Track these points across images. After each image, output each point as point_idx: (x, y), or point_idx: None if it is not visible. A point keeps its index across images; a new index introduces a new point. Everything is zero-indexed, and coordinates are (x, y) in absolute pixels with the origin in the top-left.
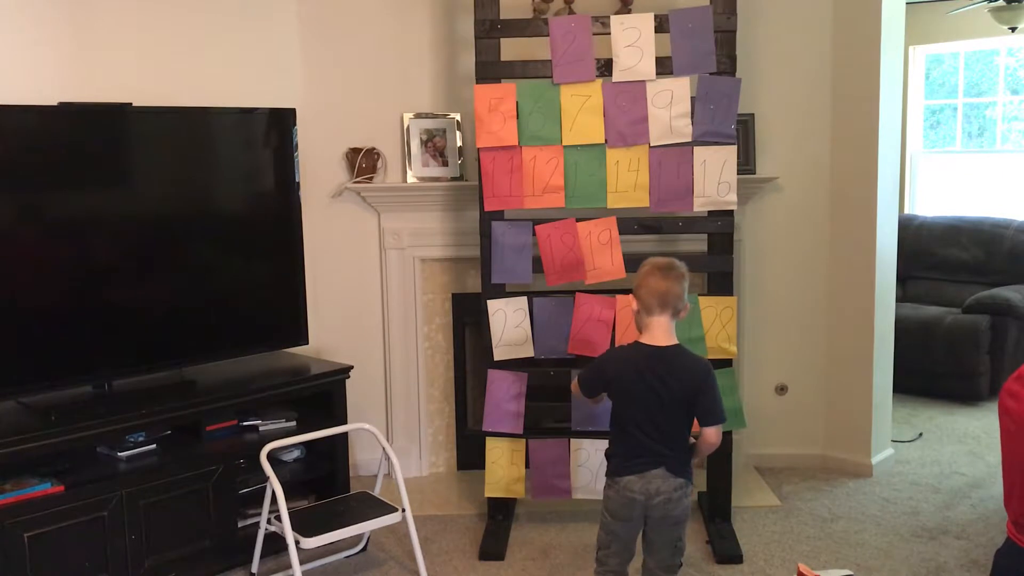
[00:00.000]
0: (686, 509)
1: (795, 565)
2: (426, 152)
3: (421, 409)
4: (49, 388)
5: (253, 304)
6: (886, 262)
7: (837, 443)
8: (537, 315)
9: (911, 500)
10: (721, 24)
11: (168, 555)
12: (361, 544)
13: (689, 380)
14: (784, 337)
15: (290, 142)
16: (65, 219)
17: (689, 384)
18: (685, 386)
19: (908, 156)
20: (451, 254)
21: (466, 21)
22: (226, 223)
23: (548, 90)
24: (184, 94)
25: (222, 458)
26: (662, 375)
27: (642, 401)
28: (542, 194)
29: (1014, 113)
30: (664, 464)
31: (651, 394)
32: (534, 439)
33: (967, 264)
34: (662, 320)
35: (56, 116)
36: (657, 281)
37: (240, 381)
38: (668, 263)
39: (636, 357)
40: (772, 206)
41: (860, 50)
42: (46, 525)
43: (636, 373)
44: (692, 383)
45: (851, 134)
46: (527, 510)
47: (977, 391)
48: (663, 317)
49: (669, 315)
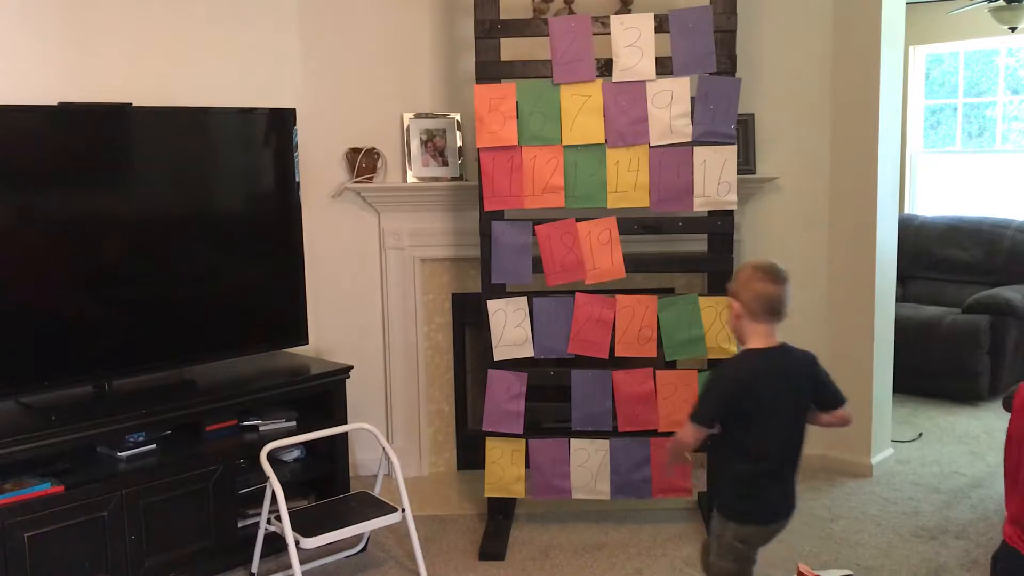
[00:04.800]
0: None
1: (795, 565)
2: (426, 152)
3: (421, 409)
4: (49, 388)
5: (253, 304)
6: (886, 262)
7: (837, 443)
8: (537, 315)
9: (911, 500)
10: (721, 24)
11: (168, 555)
12: (361, 544)
13: (810, 370)
14: (784, 337)
15: (290, 142)
16: (65, 219)
17: (811, 374)
18: (810, 376)
19: (908, 156)
20: (451, 254)
21: (466, 21)
22: (226, 223)
23: (548, 90)
24: (184, 94)
25: (222, 458)
26: (792, 374)
27: (780, 411)
28: (542, 194)
29: (1014, 113)
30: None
31: (788, 399)
32: (534, 439)
33: (967, 264)
34: (770, 326)
35: (56, 116)
36: (767, 287)
37: (240, 381)
38: (773, 267)
39: (764, 366)
40: (772, 206)
41: (860, 50)
42: (46, 525)
43: (771, 380)
44: (812, 371)
45: (851, 134)
46: (527, 510)
47: (977, 391)
48: (771, 324)
49: (776, 322)
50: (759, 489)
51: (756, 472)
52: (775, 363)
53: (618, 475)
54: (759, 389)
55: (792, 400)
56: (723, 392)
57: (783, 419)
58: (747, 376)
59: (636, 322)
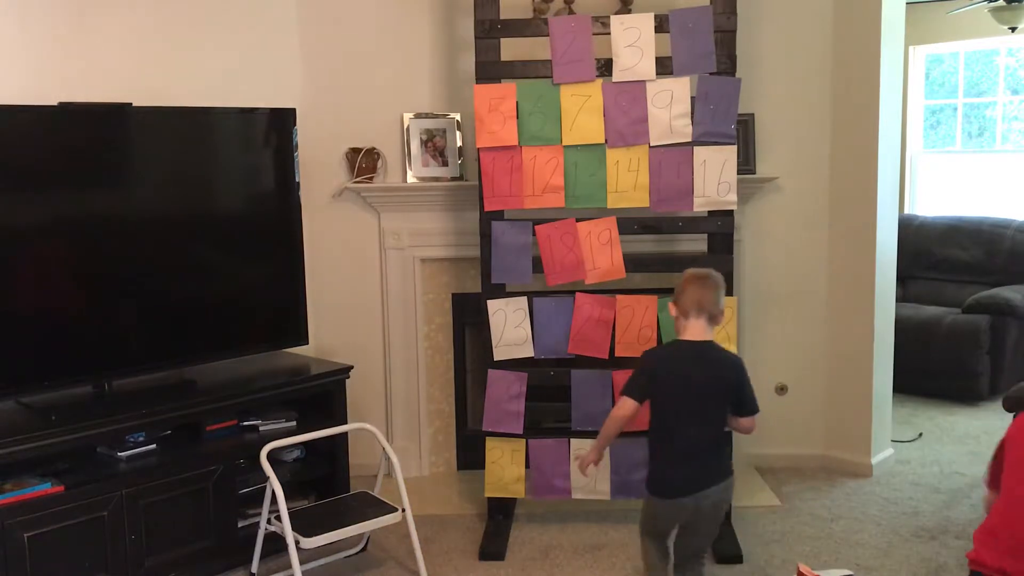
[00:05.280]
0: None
1: (795, 565)
2: (426, 152)
3: (421, 409)
4: (49, 388)
5: (253, 304)
6: (886, 262)
7: (837, 443)
8: (537, 315)
9: (911, 500)
10: (721, 24)
11: (168, 555)
12: (361, 544)
13: (726, 372)
14: (784, 337)
15: (290, 142)
16: (65, 219)
17: (726, 375)
18: (722, 376)
19: (908, 156)
20: (451, 254)
21: (466, 21)
22: (226, 223)
23: (548, 90)
24: (184, 94)
25: (222, 458)
26: (702, 367)
27: (686, 394)
28: (542, 194)
29: (1014, 113)
30: (713, 476)
31: (692, 388)
32: (534, 439)
33: (967, 264)
34: (699, 323)
35: (56, 116)
36: (695, 290)
37: (240, 381)
38: (705, 273)
39: (677, 353)
40: (772, 206)
41: (860, 50)
42: (46, 525)
43: (677, 366)
44: (729, 374)
45: (851, 134)
46: (527, 510)
47: (977, 391)
48: (699, 320)
49: (705, 319)
50: (665, 465)
51: (663, 450)
52: (687, 353)
53: (618, 475)
54: (662, 372)
55: (698, 390)
56: (641, 368)
57: (687, 405)
58: (657, 359)
59: (636, 322)
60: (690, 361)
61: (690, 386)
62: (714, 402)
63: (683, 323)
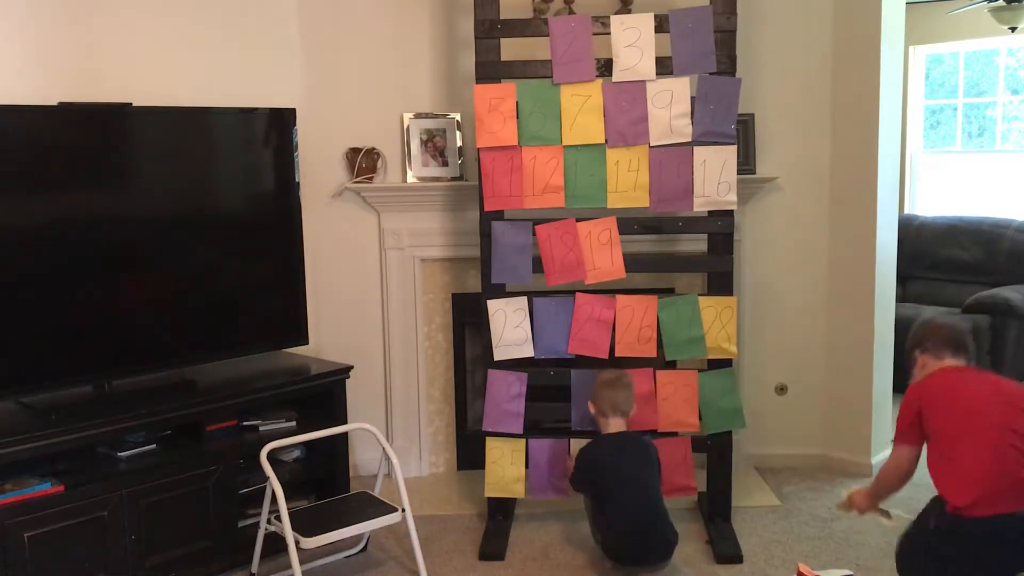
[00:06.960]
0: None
1: (795, 565)
2: (426, 152)
3: (421, 409)
4: (49, 388)
5: (253, 304)
6: (886, 262)
7: (837, 443)
8: (537, 315)
9: (911, 500)
10: (721, 24)
11: (168, 555)
12: (361, 544)
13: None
14: (784, 337)
15: (290, 142)
16: (65, 219)
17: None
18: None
19: (908, 156)
20: (451, 254)
21: (466, 21)
22: (226, 223)
23: (548, 90)
24: (184, 94)
25: (222, 458)
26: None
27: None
28: (542, 194)
29: (1014, 113)
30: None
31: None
32: (534, 439)
33: (967, 264)
34: (616, 419)
35: (56, 116)
36: (609, 393)
37: (240, 381)
38: (615, 376)
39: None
40: (772, 206)
41: (860, 50)
42: (46, 525)
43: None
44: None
45: (851, 134)
46: (527, 510)
47: None
48: (616, 418)
49: (620, 416)
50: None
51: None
52: (618, 444)
53: None
54: (605, 465)
55: (632, 471)
56: (582, 468)
57: (630, 487)
58: (594, 456)
59: (636, 322)
60: (626, 450)
61: (627, 470)
62: (647, 475)
63: (603, 420)
